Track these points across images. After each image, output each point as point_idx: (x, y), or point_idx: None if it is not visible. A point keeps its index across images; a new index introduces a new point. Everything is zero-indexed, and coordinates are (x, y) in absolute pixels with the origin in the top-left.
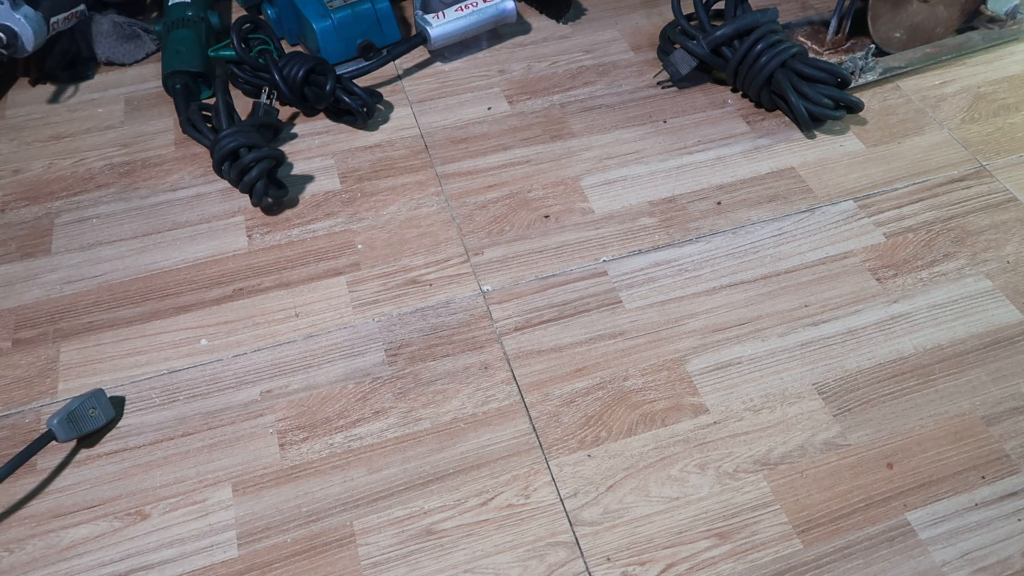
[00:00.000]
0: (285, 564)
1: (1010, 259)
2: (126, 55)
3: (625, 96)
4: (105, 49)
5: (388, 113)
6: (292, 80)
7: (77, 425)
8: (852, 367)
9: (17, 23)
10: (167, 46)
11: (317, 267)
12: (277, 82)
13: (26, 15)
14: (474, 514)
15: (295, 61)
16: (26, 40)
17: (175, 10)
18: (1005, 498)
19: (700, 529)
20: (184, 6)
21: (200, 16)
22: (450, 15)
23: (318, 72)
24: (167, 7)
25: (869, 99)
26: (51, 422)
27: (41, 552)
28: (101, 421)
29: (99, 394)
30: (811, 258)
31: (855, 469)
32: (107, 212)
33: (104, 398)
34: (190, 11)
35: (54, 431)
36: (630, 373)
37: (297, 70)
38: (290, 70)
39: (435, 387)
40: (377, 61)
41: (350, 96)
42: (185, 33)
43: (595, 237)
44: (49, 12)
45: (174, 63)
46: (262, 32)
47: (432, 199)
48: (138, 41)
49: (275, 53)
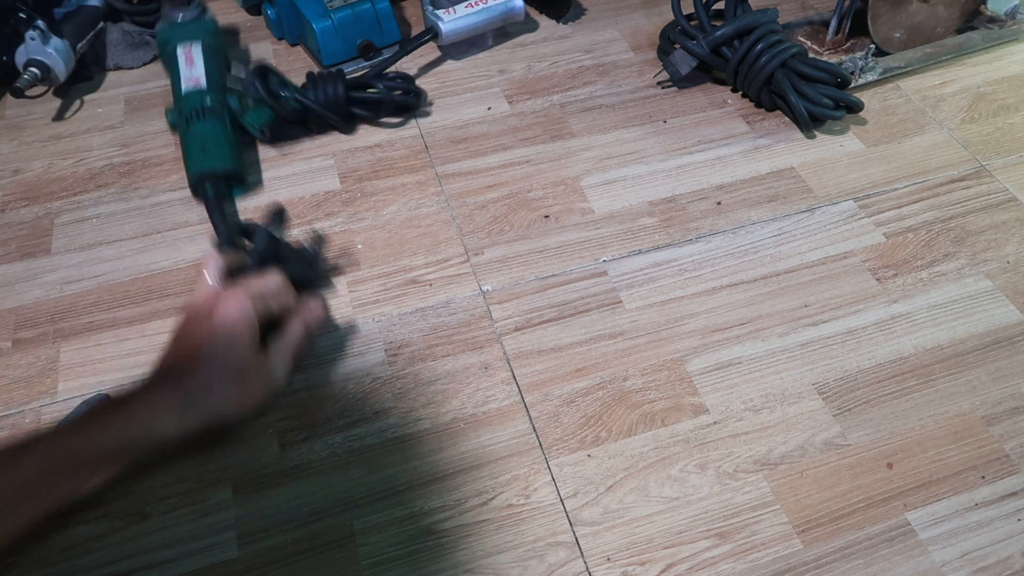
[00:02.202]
0: (285, 564)
1: (1010, 259)
2: (134, 60)
3: (625, 96)
4: (114, 56)
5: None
6: (335, 101)
7: None
8: (852, 367)
9: (49, 57)
10: (189, 142)
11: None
12: (327, 116)
13: (56, 48)
14: (474, 514)
15: (323, 83)
16: (59, 72)
17: (191, 99)
18: (1005, 498)
19: (700, 529)
20: (200, 93)
21: (220, 102)
22: (460, 11)
23: (356, 85)
24: (180, 95)
25: (869, 99)
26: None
27: (41, 552)
28: None
29: (104, 401)
30: (811, 258)
31: (855, 469)
32: (107, 212)
33: None
34: (208, 98)
35: None
36: (630, 373)
37: (333, 90)
38: (327, 92)
39: (435, 387)
40: (392, 57)
41: (404, 91)
42: (209, 126)
43: (595, 237)
44: (74, 39)
45: (202, 162)
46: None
47: (432, 199)
48: (146, 48)
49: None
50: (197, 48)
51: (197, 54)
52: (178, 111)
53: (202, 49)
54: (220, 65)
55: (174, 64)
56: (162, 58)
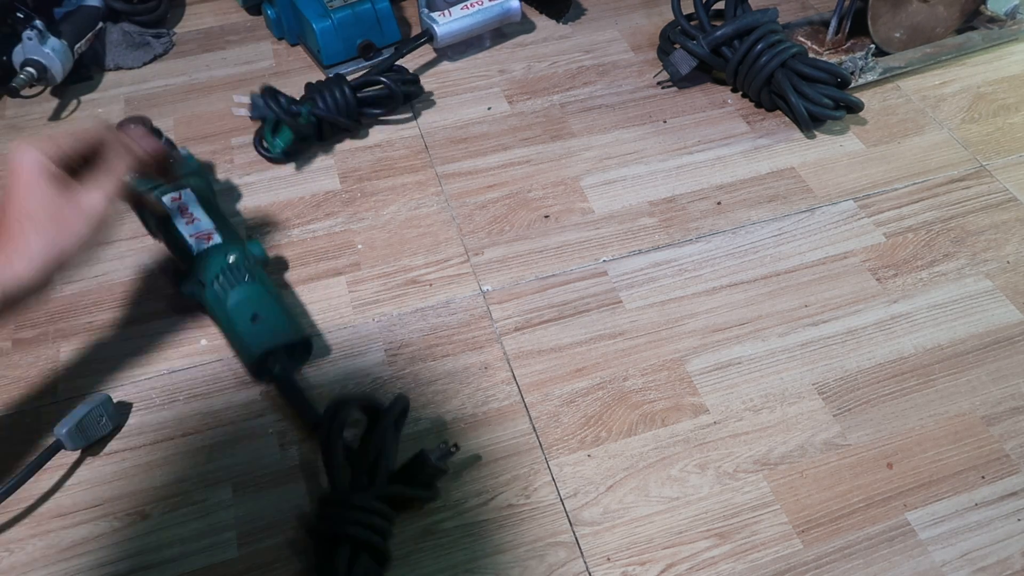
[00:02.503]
0: (285, 564)
1: (1010, 259)
2: (134, 60)
3: (625, 96)
4: (114, 56)
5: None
6: (347, 108)
7: (85, 434)
8: (852, 367)
9: (46, 57)
10: (232, 316)
11: (317, 267)
12: (343, 122)
13: (54, 48)
14: (474, 514)
15: (328, 90)
16: (56, 72)
17: (213, 261)
18: (1005, 498)
19: (700, 529)
20: (221, 251)
21: (247, 256)
22: (456, 13)
23: (361, 85)
24: (192, 259)
25: (869, 99)
26: (59, 431)
27: (41, 552)
28: (109, 429)
29: (107, 402)
30: (811, 258)
31: (855, 469)
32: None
33: (112, 406)
34: (232, 254)
35: (62, 441)
36: (630, 373)
37: (342, 96)
38: (336, 99)
39: (435, 387)
40: (387, 60)
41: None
42: (249, 291)
43: (595, 237)
44: (73, 39)
45: (263, 339)
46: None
47: (432, 199)
48: (147, 48)
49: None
50: (189, 196)
51: (192, 204)
52: (196, 280)
53: (194, 194)
54: (218, 206)
55: (165, 220)
56: (139, 216)
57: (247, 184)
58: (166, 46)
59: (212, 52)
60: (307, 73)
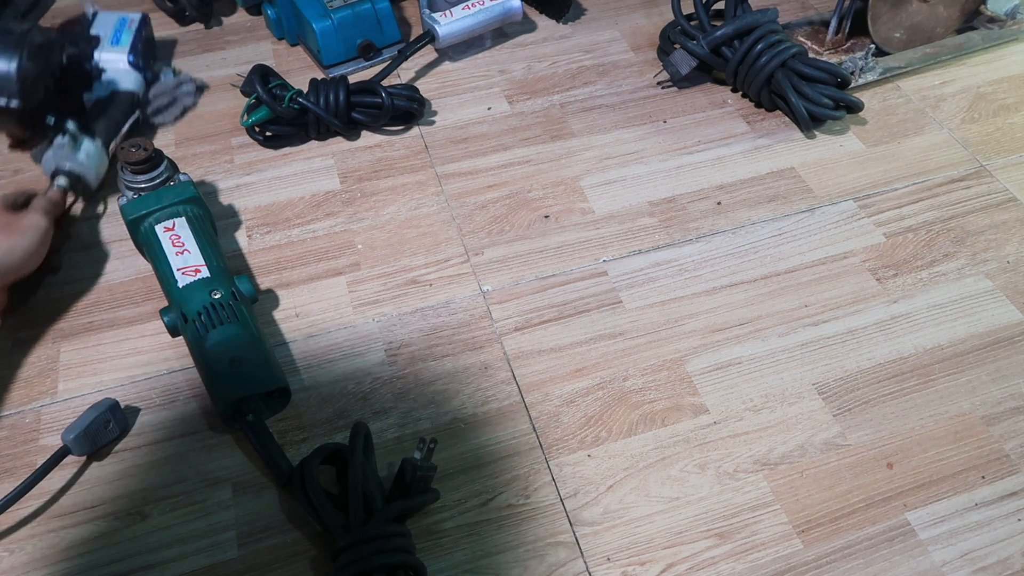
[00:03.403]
0: (285, 564)
1: (1010, 259)
2: (164, 118)
3: (625, 96)
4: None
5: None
6: (336, 108)
7: (92, 439)
8: (852, 367)
9: (80, 165)
10: (208, 356)
11: (317, 267)
12: (327, 119)
13: (88, 153)
14: (474, 514)
15: (325, 88)
16: (90, 180)
17: (195, 295)
18: (1005, 498)
19: (700, 529)
20: (205, 286)
21: (232, 292)
22: (457, 13)
23: (359, 91)
24: (176, 292)
25: (869, 99)
26: (67, 437)
27: (41, 552)
28: (116, 434)
29: (115, 407)
30: (811, 258)
31: (855, 469)
32: (106, 211)
33: (119, 410)
34: (218, 290)
35: (70, 446)
36: (630, 373)
37: (335, 95)
38: (328, 97)
39: (435, 387)
40: (391, 64)
41: (408, 100)
42: (231, 331)
43: (595, 237)
44: (107, 135)
45: (238, 384)
46: (272, 79)
47: (432, 199)
48: (175, 104)
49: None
50: (182, 225)
51: (185, 233)
52: (178, 313)
53: (188, 224)
54: (214, 238)
55: (155, 249)
56: (133, 238)
57: (247, 184)
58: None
59: (212, 52)
60: (307, 73)
